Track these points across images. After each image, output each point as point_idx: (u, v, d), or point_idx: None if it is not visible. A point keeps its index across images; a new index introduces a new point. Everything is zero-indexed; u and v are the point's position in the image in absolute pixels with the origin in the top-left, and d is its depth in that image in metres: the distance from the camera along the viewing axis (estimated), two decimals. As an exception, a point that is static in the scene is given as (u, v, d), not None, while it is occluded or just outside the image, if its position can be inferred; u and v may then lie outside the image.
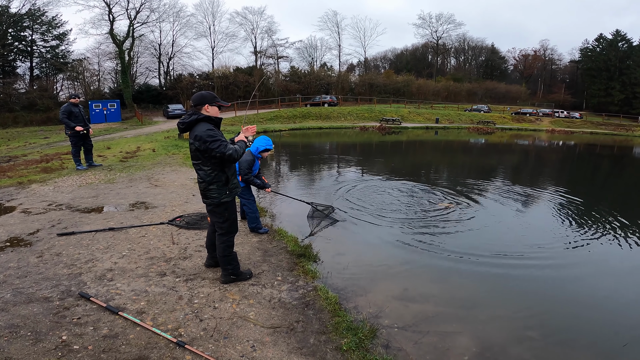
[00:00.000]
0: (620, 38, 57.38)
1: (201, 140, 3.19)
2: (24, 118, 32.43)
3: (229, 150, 3.23)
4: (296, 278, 3.95)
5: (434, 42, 65.56)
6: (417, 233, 5.85)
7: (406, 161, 15.50)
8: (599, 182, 12.39)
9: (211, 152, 3.22)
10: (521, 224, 6.59)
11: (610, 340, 3.40)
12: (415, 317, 3.56)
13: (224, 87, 45.32)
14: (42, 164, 9.90)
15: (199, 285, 3.68)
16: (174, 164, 10.30)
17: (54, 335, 2.79)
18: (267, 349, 2.79)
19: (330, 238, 5.50)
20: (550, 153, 21.11)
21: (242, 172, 4.89)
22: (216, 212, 3.54)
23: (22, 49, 39.00)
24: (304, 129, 27.79)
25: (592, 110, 55.16)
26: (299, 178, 10.42)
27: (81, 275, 3.76)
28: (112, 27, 40.40)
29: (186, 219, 5.54)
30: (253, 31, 52.44)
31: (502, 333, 3.42)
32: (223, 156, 3.23)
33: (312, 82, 51.02)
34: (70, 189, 7.32)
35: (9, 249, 4.37)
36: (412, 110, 41.93)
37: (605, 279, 4.66)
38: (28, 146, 17.21)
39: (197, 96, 3.35)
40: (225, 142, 3.26)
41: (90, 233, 4.94)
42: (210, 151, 3.22)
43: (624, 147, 26.04)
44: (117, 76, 44.26)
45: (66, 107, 8.85)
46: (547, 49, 66.37)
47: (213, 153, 3.22)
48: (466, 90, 58.75)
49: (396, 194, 8.36)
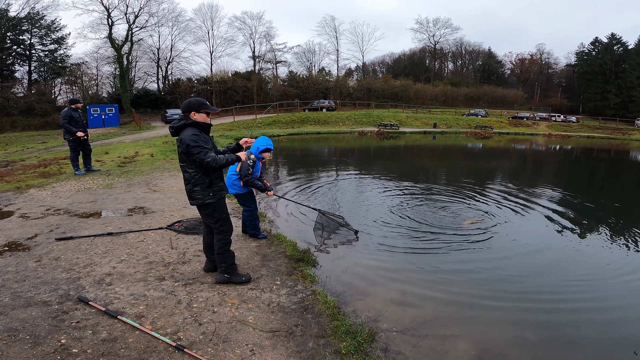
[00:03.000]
0: (615, 41, 57.86)
1: (185, 144, 3.34)
2: (21, 122, 32.36)
3: (208, 158, 3.36)
4: (295, 282, 3.96)
5: (432, 47, 65.99)
6: (415, 238, 5.87)
7: (404, 166, 15.54)
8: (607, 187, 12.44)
9: (192, 157, 3.38)
10: (521, 222, 6.62)
11: (613, 343, 3.41)
12: (413, 320, 3.57)
13: (222, 92, 45.40)
14: (40, 169, 9.88)
15: (197, 289, 3.68)
16: (173, 169, 10.30)
17: (52, 339, 2.79)
18: (266, 352, 2.79)
19: (329, 243, 5.51)
20: (549, 157, 21.21)
21: (243, 174, 4.76)
22: (204, 213, 3.68)
23: (20, 52, 38.97)
24: (302, 134, 27.83)
25: (589, 114, 55.51)
26: (299, 186, 10.43)
27: (80, 280, 3.76)
28: (110, 32, 40.51)
29: (185, 224, 5.54)
30: (252, 36, 52.66)
31: (500, 336, 3.43)
32: (202, 162, 3.37)
33: (311, 87, 51.19)
34: (68, 194, 7.31)
35: (7, 253, 4.36)
36: (410, 115, 42.09)
37: (606, 280, 4.68)
38: (26, 151, 17.18)
39: (184, 104, 3.50)
40: (206, 149, 3.37)
41: (88, 238, 4.94)
42: (192, 155, 3.37)
43: (621, 150, 26.16)
44: (116, 81, 44.27)
45: (67, 112, 8.80)
46: (544, 53, 67.01)
47: (193, 157, 3.38)
48: (463, 95, 59.05)
49: (396, 200, 8.38)
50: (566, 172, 16.02)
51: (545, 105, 59.06)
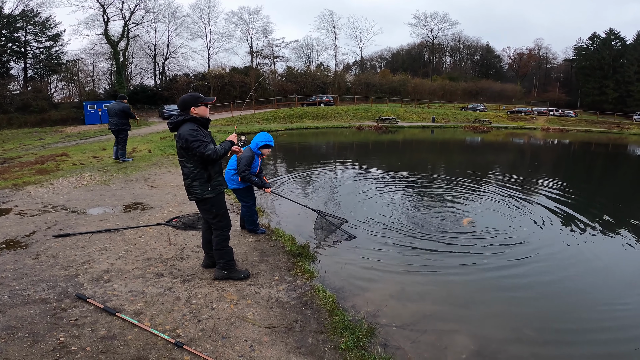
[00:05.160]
0: (614, 37, 57.84)
1: (184, 139, 3.34)
2: (18, 119, 32.15)
3: (208, 151, 3.36)
4: (294, 278, 3.96)
5: (430, 42, 65.78)
6: (414, 233, 5.87)
7: (403, 160, 15.52)
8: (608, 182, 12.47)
9: (192, 151, 3.37)
10: (518, 220, 6.63)
11: (611, 339, 3.42)
12: (413, 315, 3.57)
13: (220, 87, 45.17)
14: (37, 166, 9.83)
15: (196, 285, 3.67)
16: (170, 165, 10.26)
17: (51, 336, 2.78)
18: (265, 348, 2.79)
19: (328, 239, 5.50)
20: (548, 151, 21.23)
21: (240, 169, 4.72)
22: (203, 208, 3.67)
23: (15, 50, 38.63)
24: (301, 129, 27.77)
25: (587, 108, 55.54)
26: (297, 180, 10.41)
27: (78, 277, 3.75)
28: (106, 28, 40.19)
29: (183, 220, 5.53)
30: (249, 31, 52.36)
31: (500, 331, 3.44)
32: (202, 156, 3.37)
33: (309, 81, 50.99)
34: (65, 191, 7.28)
35: (5, 250, 4.35)
36: (408, 109, 42.02)
37: (605, 279, 4.69)
38: (23, 148, 17.09)
39: (180, 101, 3.49)
40: (205, 143, 3.38)
41: (86, 234, 4.92)
42: (191, 150, 3.36)
43: (619, 144, 26.20)
44: (112, 77, 43.98)
45: (127, 106, 10.47)
46: (542, 48, 66.91)
47: (193, 152, 3.37)
48: (462, 89, 58.97)
49: (396, 195, 8.38)
50: (563, 165, 16.05)
51: (544, 100, 59.09)
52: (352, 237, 5.56)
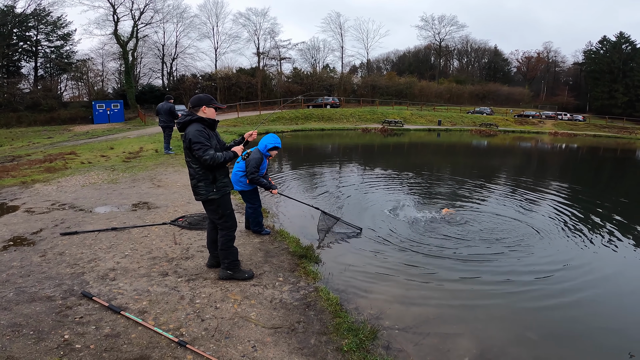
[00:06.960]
0: (624, 40, 57.16)
1: (188, 139, 3.38)
2: (27, 118, 32.58)
3: (206, 156, 3.37)
4: (297, 279, 3.96)
5: (437, 44, 65.51)
6: (417, 236, 5.85)
7: (408, 163, 15.48)
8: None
9: (192, 152, 3.41)
10: (517, 220, 6.58)
11: (613, 342, 3.39)
12: (416, 318, 3.56)
13: (226, 88, 45.40)
14: (46, 164, 9.94)
15: (200, 285, 3.69)
16: (177, 165, 10.33)
17: (56, 334, 2.81)
18: (268, 349, 2.80)
19: (332, 240, 5.50)
20: (556, 156, 21.05)
21: (249, 171, 4.73)
22: (209, 208, 3.69)
23: (26, 49, 39.17)
24: (306, 131, 27.79)
25: (596, 112, 54.94)
26: (304, 182, 10.42)
27: (84, 275, 3.79)
28: (116, 28, 40.53)
29: (188, 219, 5.56)
30: (256, 32, 52.49)
31: (502, 334, 3.42)
32: (200, 159, 3.39)
33: (315, 83, 51.04)
34: (73, 189, 7.35)
35: (12, 248, 4.40)
36: (414, 112, 41.88)
37: (605, 279, 4.65)
38: (32, 146, 17.30)
39: (194, 99, 3.53)
40: (206, 147, 3.38)
41: (93, 233, 4.96)
42: (192, 151, 3.39)
43: (628, 149, 25.91)
44: (121, 77, 44.36)
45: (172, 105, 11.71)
46: (550, 51, 66.25)
47: (194, 154, 3.40)
48: (469, 93, 58.64)
49: (400, 197, 8.36)
50: (571, 169, 15.90)
51: (552, 104, 58.49)
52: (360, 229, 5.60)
